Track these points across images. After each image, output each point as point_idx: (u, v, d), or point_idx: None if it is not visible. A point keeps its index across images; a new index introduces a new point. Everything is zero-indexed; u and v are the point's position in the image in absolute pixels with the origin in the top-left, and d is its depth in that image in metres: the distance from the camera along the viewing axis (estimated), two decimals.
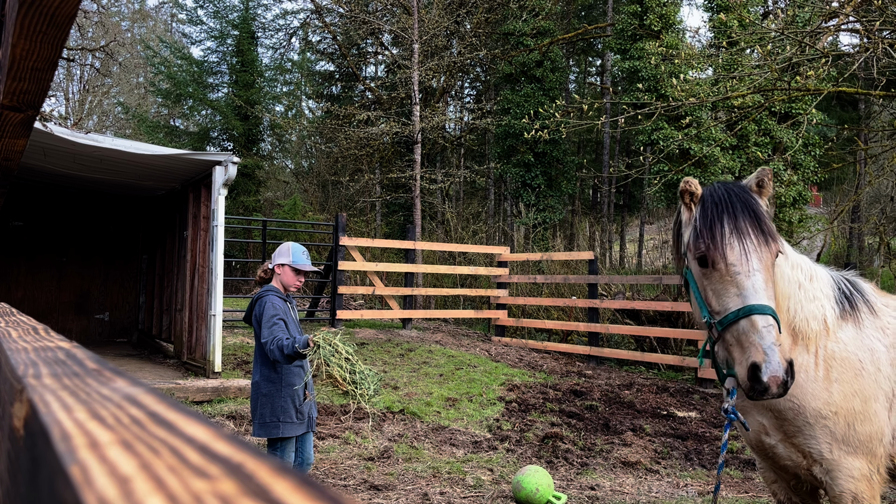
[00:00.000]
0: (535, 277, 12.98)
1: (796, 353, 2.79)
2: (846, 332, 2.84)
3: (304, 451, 4.23)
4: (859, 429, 2.74)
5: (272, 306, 4.08)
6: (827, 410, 2.74)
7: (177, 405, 0.56)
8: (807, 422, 2.77)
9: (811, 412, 2.75)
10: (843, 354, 2.80)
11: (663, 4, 17.00)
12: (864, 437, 2.75)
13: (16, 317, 1.90)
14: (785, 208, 15.70)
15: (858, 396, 2.75)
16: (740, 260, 2.58)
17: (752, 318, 2.49)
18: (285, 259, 4.26)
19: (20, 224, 11.96)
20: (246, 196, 22.10)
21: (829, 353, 2.80)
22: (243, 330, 11.09)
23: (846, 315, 2.86)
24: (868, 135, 15.80)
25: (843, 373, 2.78)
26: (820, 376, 2.78)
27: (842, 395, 2.75)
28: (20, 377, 0.72)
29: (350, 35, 23.40)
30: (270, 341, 3.96)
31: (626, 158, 20.95)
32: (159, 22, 36.98)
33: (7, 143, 2.45)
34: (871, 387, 2.78)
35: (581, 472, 6.06)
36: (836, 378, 2.77)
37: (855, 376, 2.78)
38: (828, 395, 2.75)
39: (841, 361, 2.79)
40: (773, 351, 2.42)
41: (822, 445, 2.77)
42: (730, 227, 2.61)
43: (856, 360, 2.79)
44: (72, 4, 1.47)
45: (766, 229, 2.61)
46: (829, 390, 2.75)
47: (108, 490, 0.38)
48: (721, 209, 2.65)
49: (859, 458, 2.75)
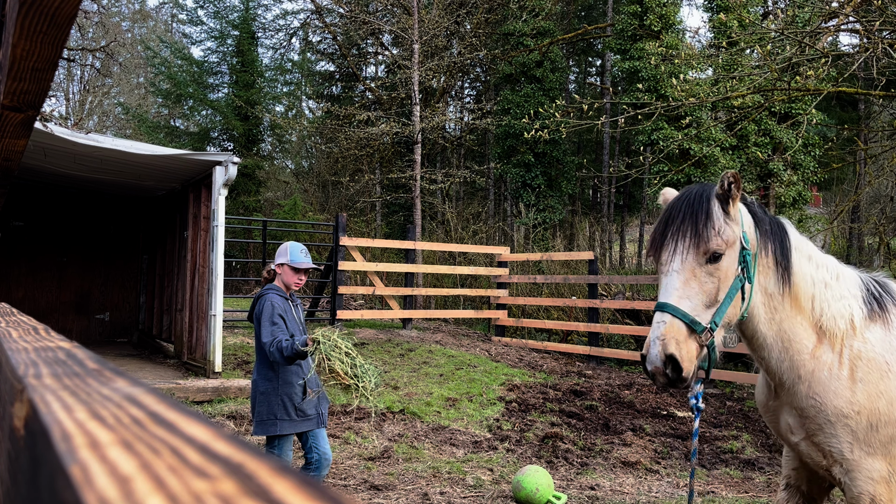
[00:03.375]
0: (535, 277, 12.98)
1: (821, 350, 2.80)
2: (874, 332, 2.83)
3: (319, 447, 4.23)
4: (882, 430, 2.75)
5: (271, 305, 4.13)
6: (849, 409, 2.75)
7: (177, 405, 0.56)
8: (828, 420, 2.77)
9: (832, 410, 2.76)
10: (870, 355, 2.79)
11: (663, 4, 17.00)
12: (885, 438, 2.75)
13: (16, 317, 1.90)
14: (785, 208, 15.70)
15: (884, 398, 2.76)
16: (667, 260, 2.70)
17: (655, 314, 2.63)
18: (283, 259, 4.31)
19: (21, 224, 11.96)
20: (246, 196, 22.10)
21: (854, 353, 2.80)
22: (243, 330, 11.09)
23: (875, 316, 2.86)
24: (868, 135, 15.81)
25: (869, 373, 2.78)
26: (844, 375, 2.78)
27: (866, 394, 2.75)
28: (21, 377, 0.72)
29: (350, 35, 23.40)
30: (270, 343, 4.00)
31: (626, 158, 20.95)
32: (159, 22, 36.99)
33: (7, 144, 2.45)
34: None
35: (581, 472, 6.06)
36: (860, 378, 2.77)
37: (881, 377, 2.78)
38: (851, 394, 2.76)
39: (867, 362, 2.79)
40: (655, 344, 2.54)
41: (843, 445, 2.77)
42: (670, 229, 2.71)
43: (882, 362, 2.79)
44: (72, 4, 1.47)
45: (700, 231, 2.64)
46: (852, 389, 2.76)
47: (108, 490, 0.38)
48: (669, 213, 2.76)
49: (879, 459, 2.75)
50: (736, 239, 2.69)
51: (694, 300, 2.61)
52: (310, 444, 4.22)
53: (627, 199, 27.23)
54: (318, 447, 4.22)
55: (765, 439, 7.23)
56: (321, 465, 4.21)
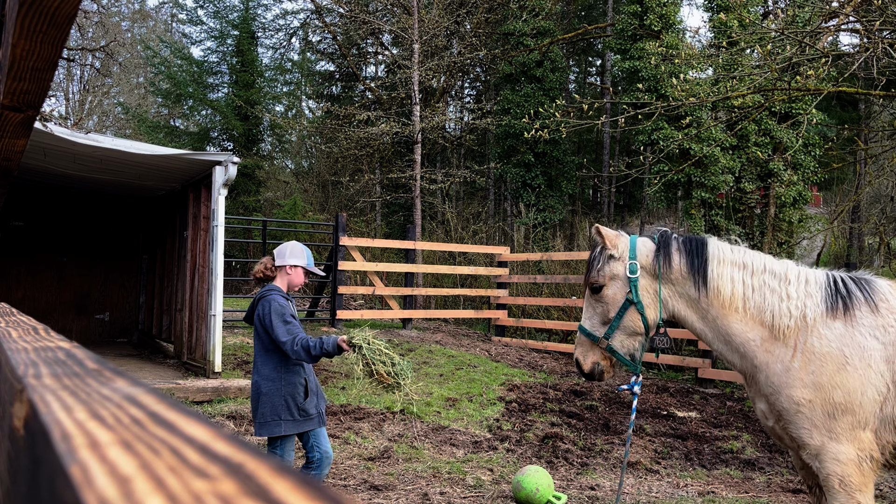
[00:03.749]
0: (535, 277, 12.98)
1: (773, 345, 3.18)
2: (833, 328, 3.11)
3: (320, 446, 4.22)
4: (842, 419, 2.99)
5: (279, 304, 4.09)
6: (801, 398, 3.06)
7: (177, 405, 0.56)
8: (784, 407, 3.12)
9: (786, 398, 3.11)
10: (825, 349, 3.08)
11: (663, 4, 16.99)
12: (847, 426, 2.98)
13: (16, 317, 1.90)
14: (785, 208, 15.69)
15: (840, 389, 3.01)
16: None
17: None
18: (300, 261, 4.27)
19: (20, 224, 11.95)
20: (246, 196, 22.10)
21: (808, 348, 3.11)
22: (243, 330, 11.09)
23: (837, 313, 3.13)
24: (868, 135, 15.81)
25: (822, 366, 3.05)
26: (796, 367, 3.10)
27: (818, 386, 3.04)
28: (20, 377, 0.72)
29: (350, 35, 23.40)
30: (292, 341, 3.94)
31: (626, 158, 20.94)
32: (159, 22, 36.98)
33: (7, 144, 2.45)
34: (857, 380, 3.01)
35: (581, 472, 6.06)
36: (813, 370, 3.07)
37: (837, 370, 3.04)
38: (802, 385, 3.07)
39: (821, 356, 3.08)
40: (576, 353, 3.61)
41: (802, 431, 3.08)
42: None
43: (839, 355, 3.06)
44: (72, 4, 1.47)
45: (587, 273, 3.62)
46: (804, 381, 3.07)
47: (108, 490, 0.38)
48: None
49: (846, 444, 2.99)
50: (617, 273, 3.45)
51: (592, 320, 3.53)
52: (311, 443, 4.22)
53: (628, 199, 27.23)
54: (319, 446, 4.22)
55: (765, 439, 7.23)
56: (322, 464, 4.21)
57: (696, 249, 3.38)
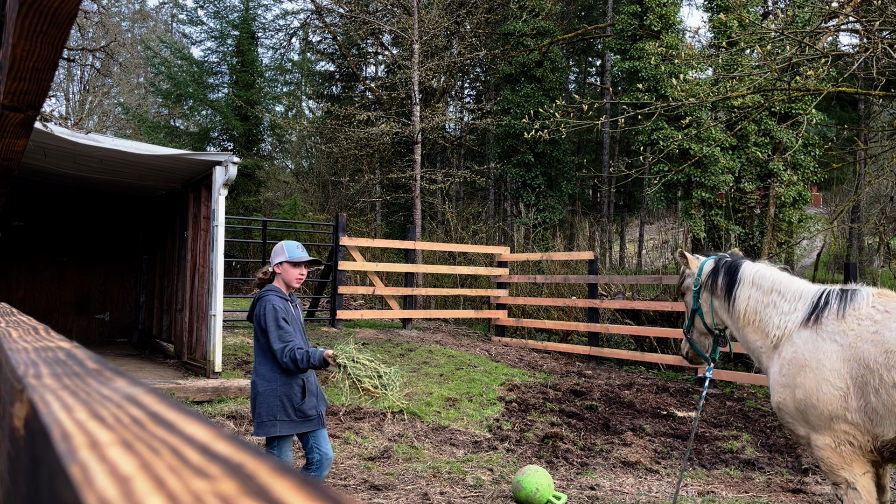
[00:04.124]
0: (535, 277, 12.98)
1: (773, 353, 3.76)
2: (801, 336, 3.61)
3: (320, 447, 4.23)
4: (811, 413, 3.48)
5: (273, 308, 4.10)
6: (778, 399, 3.65)
7: (177, 405, 0.56)
8: (774, 405, 3.73)
9: (773, 401, 3.72)
10: (792, 355, 3.60)
11: (663, 4, 16.99)
12: (817, 419, 3.46)
13: (16, 317, 1.90)
14: (785, 208, 15.69)
15: (801, 389, 3.52)
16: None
17: None
18: (281, 257, 4.29)
19: (20, 224, 11.95)
20: (246, 196, 22.10)
21: (783, 355, 3.66)
22: (243, 330, 11.09)
23: (808, 323, 3.61)
24: (868, 135, 15.82)
25: (790, 370, 3.59)
26: (775, 371, 3.67)
27: (786, 386, 3.59)
28: (21, 377, 0.72)
29: (350, 35, 23.39)
30: (282, 352, 3.99)
31: (626, 158, 20.95)
32: (159, 22, 36.99)
33: (7, 144, 2.45)
34: (812, 379, 3.47)
35: (581, 472, 6.06)
36: (784, 374, 3.62)
37: (798, 372, 3.55)
38: (780, 387, 3.63)
39: (789, 361, 3.60)
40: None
41: (790, 425, 3.66)
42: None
43: (801, 359, 3.55)
44: (72, 4, 1.47)
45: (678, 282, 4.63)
46: (781, 384, 3.63)
47: (108, 490, 0.38)
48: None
49: (825, 434, 3.47)
50: (688, 286, 4.33)
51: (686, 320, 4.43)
52: (311, 444, 4.22)
53: (627, 199, 27.24)
54: (319, 447, 4.22)
55: (765, 439, 7.24)
56: (322, 465, 4.21)
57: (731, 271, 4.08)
